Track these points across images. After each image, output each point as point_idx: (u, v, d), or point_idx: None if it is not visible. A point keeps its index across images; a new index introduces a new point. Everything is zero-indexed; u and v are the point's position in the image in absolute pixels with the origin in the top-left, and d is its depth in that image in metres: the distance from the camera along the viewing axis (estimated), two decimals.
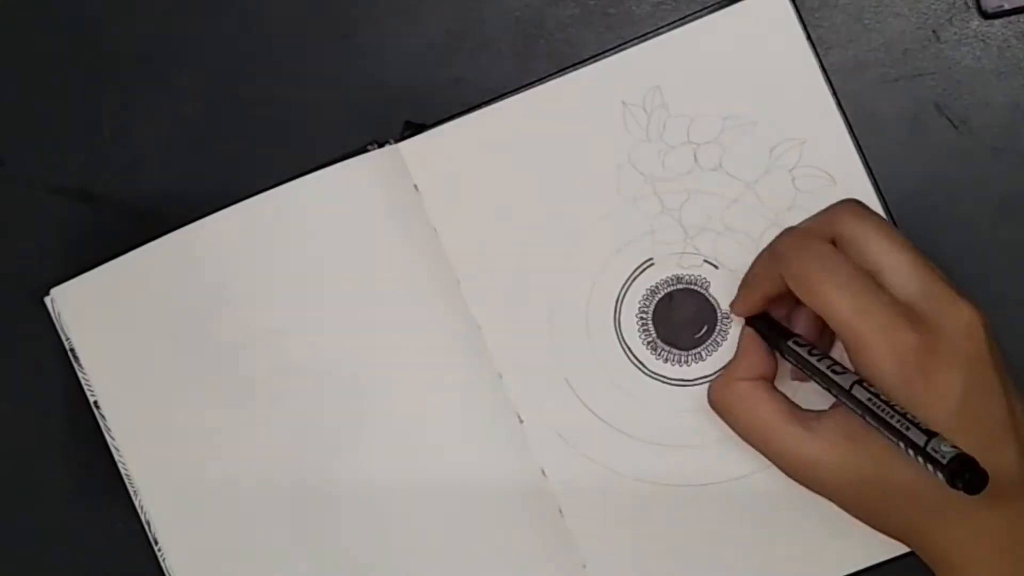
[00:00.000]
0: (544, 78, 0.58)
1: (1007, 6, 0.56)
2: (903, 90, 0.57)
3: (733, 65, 0.57)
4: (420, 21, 0.59)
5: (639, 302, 0.58)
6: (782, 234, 0.54)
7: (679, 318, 0.58)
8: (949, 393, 0.49)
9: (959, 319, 0.50)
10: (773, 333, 0.54)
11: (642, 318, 0.58)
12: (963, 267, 0.57)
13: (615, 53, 0.57)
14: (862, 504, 0.52)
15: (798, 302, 0.53)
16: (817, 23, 0.57)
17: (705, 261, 0.57)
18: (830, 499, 0.52)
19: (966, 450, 0.47)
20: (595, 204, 0.58)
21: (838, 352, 0.53)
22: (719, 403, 0.55)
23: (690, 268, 0.57)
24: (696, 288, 0.57)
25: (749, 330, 0.55)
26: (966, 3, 0.57)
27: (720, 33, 0.57)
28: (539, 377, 0.58)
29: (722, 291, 0.57)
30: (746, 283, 0.56)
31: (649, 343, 0.58)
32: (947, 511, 0.50)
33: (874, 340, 0.50)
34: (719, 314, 0.57)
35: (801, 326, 0.55)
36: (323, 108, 0.60)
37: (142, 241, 0.59)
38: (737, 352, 0.56)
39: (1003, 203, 0.57)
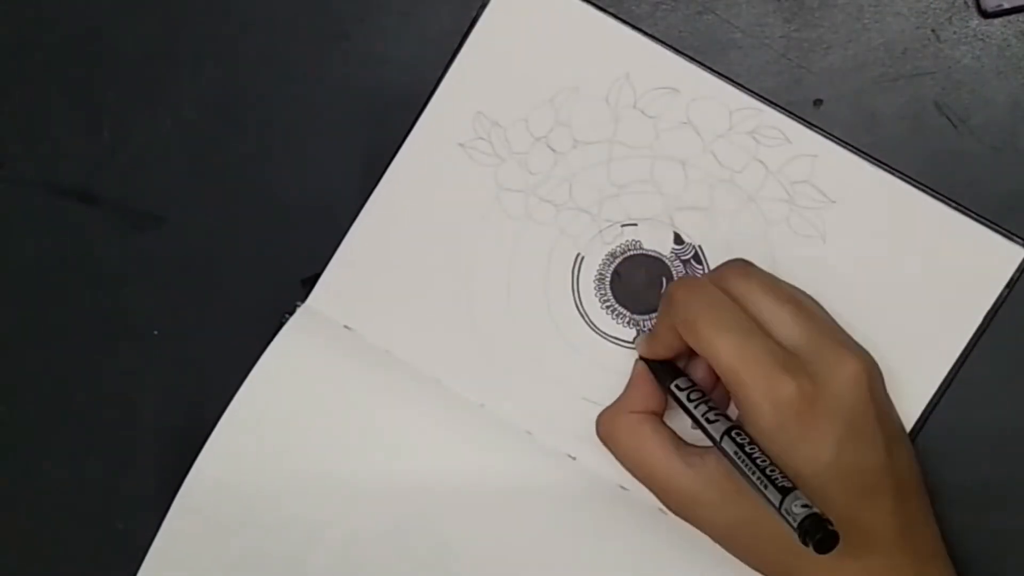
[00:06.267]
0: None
1: (1007, 5, 0.56)
2: (903, 90, 0.57)
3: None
4: (420, 21, 0.59)
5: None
6: (673, 283, 0.55)
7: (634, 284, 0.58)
8: (824, 443, 0.50)
9: (841, 371, 0.51)
10: (663, 372, 0.55)
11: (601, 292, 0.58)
12: None
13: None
14: (738, 543, 0.52)
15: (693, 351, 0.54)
16: (817, 23, 0.57)
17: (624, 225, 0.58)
18: (708, 535, 0.53)
19: (837, 501, 0.48)
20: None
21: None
22: (606, 434, 0.55)
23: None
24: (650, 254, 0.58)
25: (641, 364, 0.56)
26: (966, 2, 0.57)
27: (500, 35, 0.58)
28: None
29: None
30: (651, 334, 0.56)
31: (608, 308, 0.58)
32: (819, 561, 0.49)
33: (753, 384, 0.50)
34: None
35: (698, 374, 0.55)
36: (323, 108, 0.60)
37: (142, 241, 0.59)
38: (628, 385, 0.56)
39: (1003, 203, 0.57)
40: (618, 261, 0.58)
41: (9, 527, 0.62)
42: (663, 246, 0.58)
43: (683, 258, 0.58)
